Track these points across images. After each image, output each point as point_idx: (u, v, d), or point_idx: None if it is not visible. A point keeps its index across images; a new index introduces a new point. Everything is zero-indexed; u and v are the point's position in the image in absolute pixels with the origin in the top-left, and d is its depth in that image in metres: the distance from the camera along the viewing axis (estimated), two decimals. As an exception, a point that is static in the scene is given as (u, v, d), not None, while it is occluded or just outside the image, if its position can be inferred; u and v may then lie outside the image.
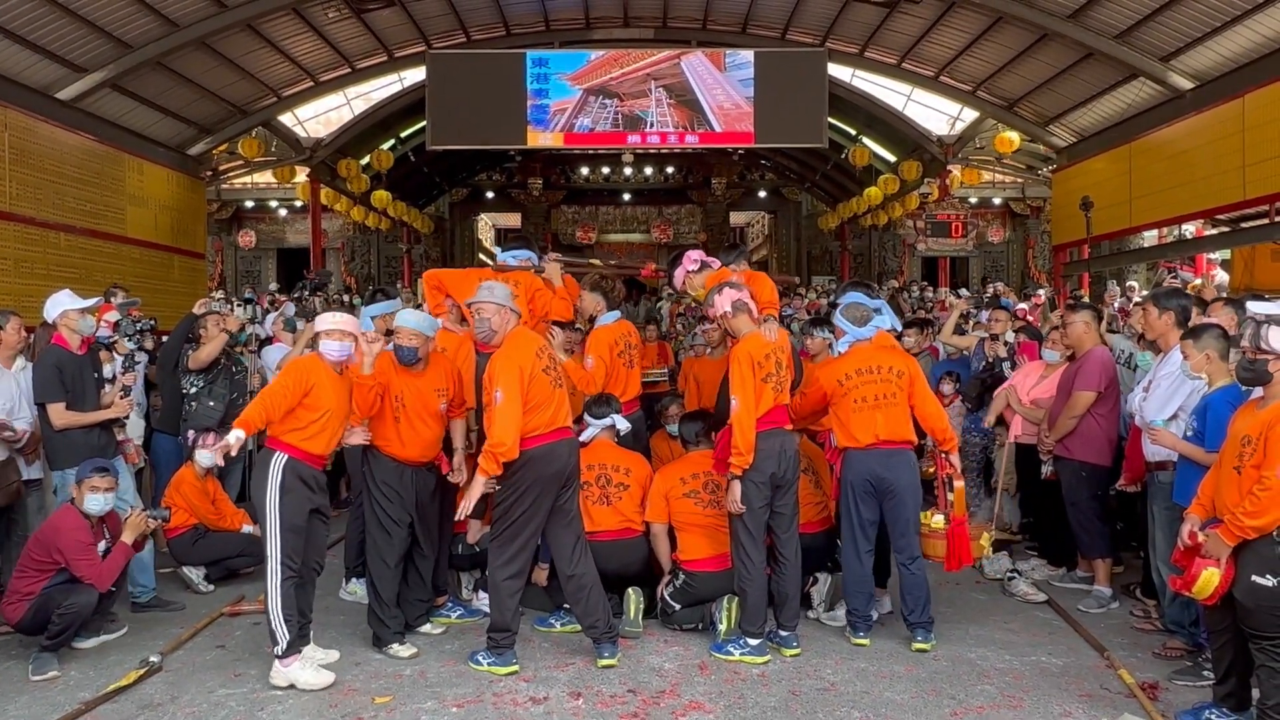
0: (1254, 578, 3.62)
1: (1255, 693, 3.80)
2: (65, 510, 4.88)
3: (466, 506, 4.44)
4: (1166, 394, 4.80)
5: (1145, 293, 9.20)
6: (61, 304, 5.41)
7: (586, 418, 5.45)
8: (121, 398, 5.69)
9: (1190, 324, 4.84)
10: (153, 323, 7.16)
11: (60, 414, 5.31)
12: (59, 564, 4.70)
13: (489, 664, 4.54)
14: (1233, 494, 3.71)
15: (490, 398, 4.41)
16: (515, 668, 4.53)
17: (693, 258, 5.48)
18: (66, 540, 4.71)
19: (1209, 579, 3.69)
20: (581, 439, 5.18)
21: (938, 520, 5.19)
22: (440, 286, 5.62)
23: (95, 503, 4.83)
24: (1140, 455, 5.11)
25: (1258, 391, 3.82)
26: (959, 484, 5.45)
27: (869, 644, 4.83)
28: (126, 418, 6.02)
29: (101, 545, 4.86)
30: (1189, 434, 4.45)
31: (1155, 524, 4.90)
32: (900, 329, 7.20)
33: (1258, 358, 3.70)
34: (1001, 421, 6.93)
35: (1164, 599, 4.98)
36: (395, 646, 4.78)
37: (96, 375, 5.64)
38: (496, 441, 4.32)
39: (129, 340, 6.73)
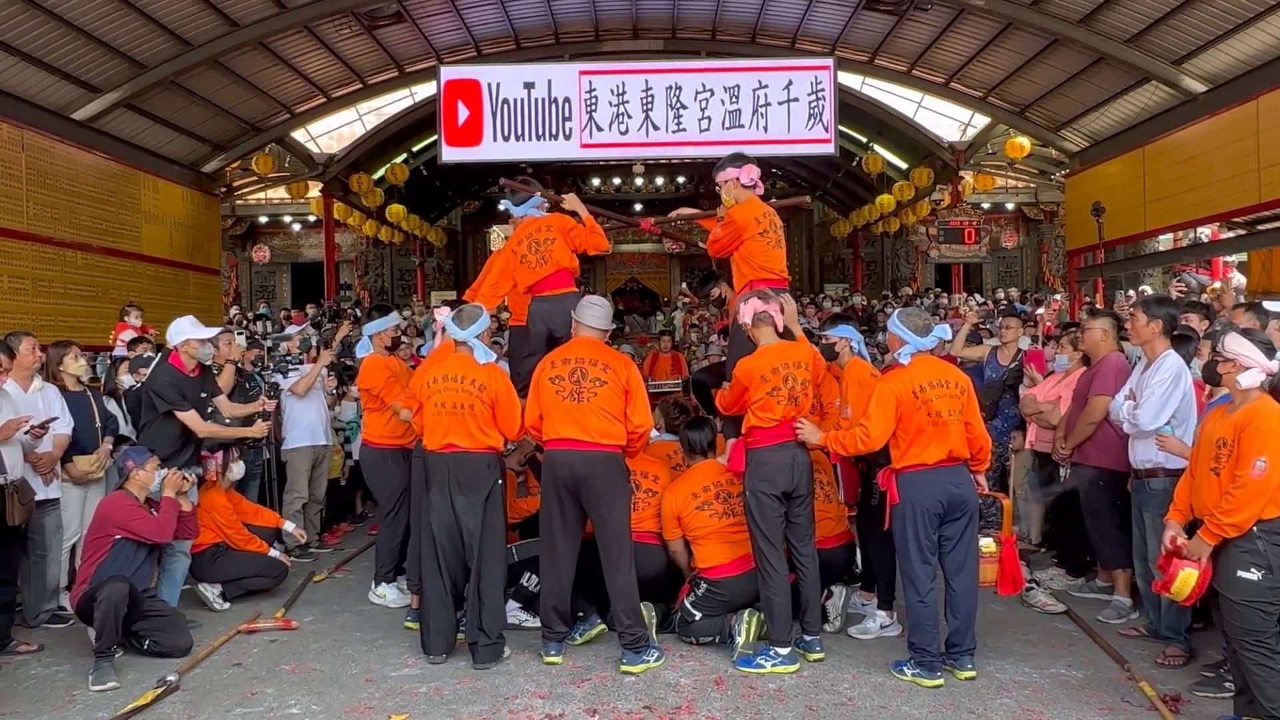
0: (1239, 573, 3.75)
1: None
2: (115, 494, 5.34)
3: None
4: (1161, 401, 4.80)
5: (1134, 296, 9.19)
6: (185, 332, 5.87)
7: None
8: (262, 420, 6.39)
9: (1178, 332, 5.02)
10: (301, 358, 7.55)
11: (198, 423, 5.77)
12: (111, 536, 5.10)
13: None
14: (1212, 495, 3.85)
15: None
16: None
17: (753, 173, 5.26)
18: (119, 511, 5.16)
19: (1187, 579, 3.83)
20: None
21: (988, 544, 5.02)
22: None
23: (158, 477, 5.33)
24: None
25: (1225, 394, 4.01)
26: (1006, 502, 5.36)
27: (944, 683, 4.49)
28: (264, 436, 6.57)
29: None
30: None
31: (1148, 531, 4.86)
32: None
33: (1215, 360, 3.94)
34: (1020, 425, 6.90)
35: (1149, 605, 5.01)
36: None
37: (205, 395, 6.01)
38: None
39: (280, 373, 7.42)
